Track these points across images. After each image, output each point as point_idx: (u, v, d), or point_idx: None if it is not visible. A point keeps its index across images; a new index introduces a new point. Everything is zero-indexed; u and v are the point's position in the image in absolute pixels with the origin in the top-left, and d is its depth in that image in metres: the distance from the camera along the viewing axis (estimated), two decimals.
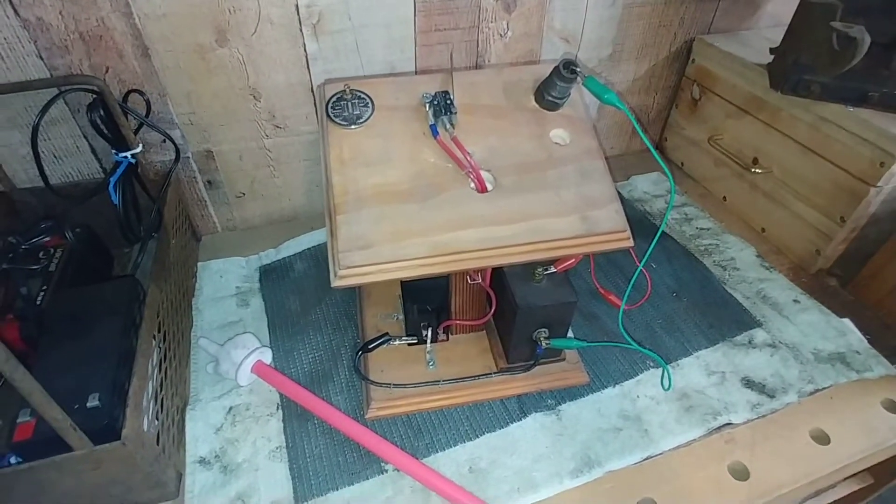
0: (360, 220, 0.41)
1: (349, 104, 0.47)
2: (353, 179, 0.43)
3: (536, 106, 0.49)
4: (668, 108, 0.92)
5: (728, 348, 0.61)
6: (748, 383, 0.57)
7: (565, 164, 0.46)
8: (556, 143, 0.47)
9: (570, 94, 0.48)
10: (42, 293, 0.55)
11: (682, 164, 0.91)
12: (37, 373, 0.46)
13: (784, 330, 0.62)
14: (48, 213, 0.64)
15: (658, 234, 0.45)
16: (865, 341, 0.61)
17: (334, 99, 0.47)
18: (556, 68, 0.45)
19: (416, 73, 0.72)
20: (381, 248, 0.40)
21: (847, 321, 0.63)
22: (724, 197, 0.83)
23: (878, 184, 0.61)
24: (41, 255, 0.59)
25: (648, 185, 0.86)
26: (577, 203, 0.44)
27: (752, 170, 0.75)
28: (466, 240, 0.41)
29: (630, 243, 0.44)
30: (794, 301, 0.66)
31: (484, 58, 0.74)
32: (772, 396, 0.56)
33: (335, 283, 0.40)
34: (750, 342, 0.61)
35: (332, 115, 0.46)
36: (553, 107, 0.48)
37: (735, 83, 0.77)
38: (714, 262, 0.72)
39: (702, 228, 0.78)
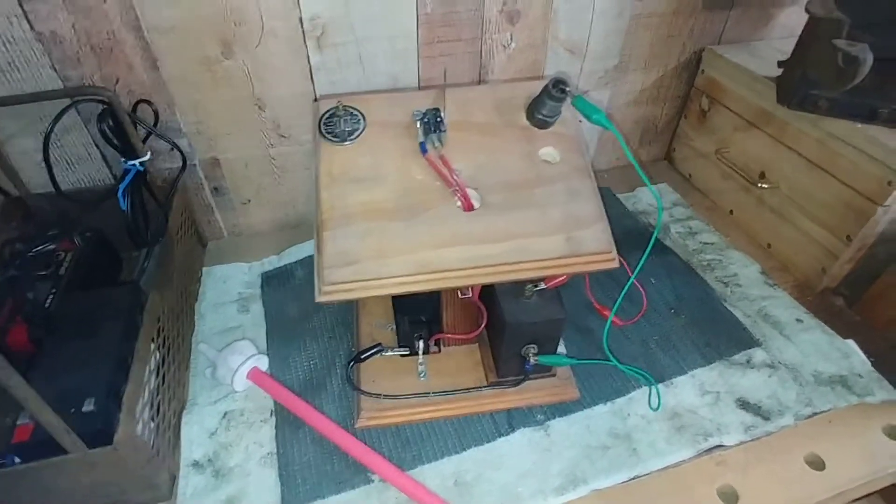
0: (346, 237, 0.42)
1: (341, 120, 0.47)
2: (341, 195, 0.44)
3: (528, 124, 0.49)
4: (677, 119, 0.90)
5: (724, 367, 0.60)
6: (743, 404, 0.56)
7: (553, 182, 0.46)
8: (546, 161, 0.47)
9: (560, 113, 0.48)
10: (51, 296, 0.57)
11: (690, 175, 0.90)
12: (38, 375, 0.48)
13: (784, 350, 0.61)
14: (60, 218, 0.66)
15: (649, 247, 0.44)
16: (869, 364, 0.60)
17: (327, 115, 0.48)
18: (546, 87, 0.45)
19: (419, 83, 0.73)
20: (365, 265, 0.41)
21: (851, 342, 0.62)
22: (731, 211, 0.82)
23: (886, 203, 0.59)
24: (54, 257, 0.61)
25: (653, 198, 0.85)
26: (563, 222, 0.44)
27: (759, 184, 0.74)
28: (450, 258, 0.42)
29: (614, 265, 0.43)
30: (797, 320, 0.65)
31: (487, 69, 0.75)
32: (767, 419, 0.55)
33: (319, 298, 0.41)
34: (748, 362, 0.60)
35: (324, 131, 0.47)
36: (543, 125, 0.48)
37: (743, 95, 0.76)
38: (716, 277, 0.71)
39: (706, 243, 0.77)
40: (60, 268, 0.60)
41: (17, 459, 0.43)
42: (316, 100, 0.52)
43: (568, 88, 0.45)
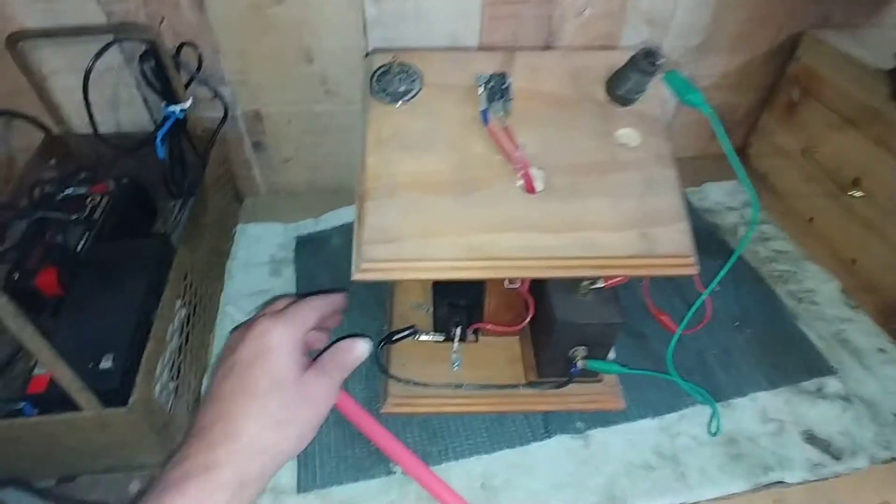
0: (389, 210, 0.37)
1: (395, 78, 0.42)
2: (389, 163, 0.39)
3: (606, 98, 0.43)
4: (759, 111, 0.81)
5: (791, 394, 0.53)
6: (810, 438, 0.50)
7: (630, 169, 0.40)
8: (623, 144, 0.41)
9: (646, 89, 0.41)
10: (83, 240, 0.56)
11: (766, 174, 0.81)
12: (59, 326, 0.46)
13: (862, 382, 0.54)
14: (99, 161, 0.64)
15: (732, 261, 0.39)
16: None
17: (380, 71, 0.43)
18: (634, 57, 0.39)
19: (479, 46, 0.67)
20: (407, 244, 0.36)
21: None
22: (811, 218, 0.73)
23: None
24: (88, 200, 0.59)
25: (722, 195, 0.77)
26: (637, 217, 0.38)
27: (851, 192, 0.65)
28: (505, 245, 0.36)
29: (694, 271, 0.38)
30: (880, 350, 0.57)
31: (555, 36, 0.68)
32: (837, 458, 0.49)
33: (355, 276, 0.37)
34: (819, 391, 0.54)
35: (375, 89, 0.42)
36: (625, 102, 0.42)
37: (846, 89, 0.66)
38: (788, 291, 0.64)
39: (779, 251, 0.69)
40: (95, 212, 0.58)
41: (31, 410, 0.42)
42: (368, 54, 0.47)
43: (660, 61, 0.38)
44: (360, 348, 0.42)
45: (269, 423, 0.34)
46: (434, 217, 0.37)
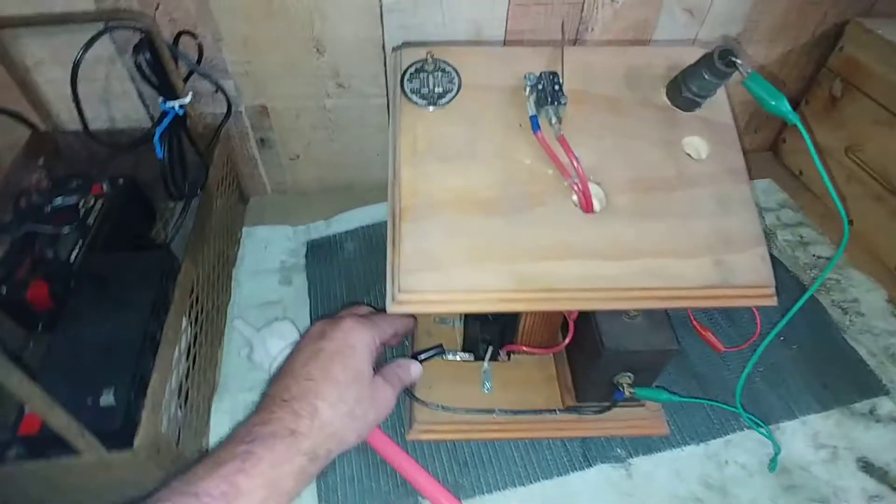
0: (430, 232, 0.33)
1: (430, 77, 0.37)
2: (427, 177, 0.35)
3: (667, 103, 0.38)
4: (796, 105, 0.77)
5: (843, 417, 0.50)
6: (866, 466, 0.47)
7: (699, 185, 0.35)
8: (689, 156, 0.37)
9: (715, 93, 0.37)
10: (77, 250, 0.51)
11: (801, 172, 0.77)
12: (53, 354, 0.42)
13: None
14: (91, 161, 0.59)
15: (802, 301, 0.35)
16: None
17: (412, 70, 0.38)
18: (709, 56, 0.34)
19: (505, 36, 0.62)
20: (453, 273, 0.32)
21: None
22: (851, 221, 0.69)
23: None
24: (80, 205, 0.54)
25: (756, 194, 0.73)
26: (710, 241, 0.34)
27: None
28: (564, 275, 0.32)
29: (773, 302, 0.34)
30: None
31: (587, 25, 0.62)
32: (895, 488, 0.46)
33: (392, 308, 0.32)
34: (871, 412, 0.50)
35: (407, 90, 0.37)
36: (690, 106, 0.37)
37: (894, 81, 0.62)
38: (832, 301, 0.60)
39: (819, 257, 0.65)
40: (88, 217, 0.53)
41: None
42: (396, 48, 0.42)
43: (739, 61, 0.34)
44: (416, 370, 0.45)
45: (344, 412, 0.36)
46: (480, 241, 0.33)
